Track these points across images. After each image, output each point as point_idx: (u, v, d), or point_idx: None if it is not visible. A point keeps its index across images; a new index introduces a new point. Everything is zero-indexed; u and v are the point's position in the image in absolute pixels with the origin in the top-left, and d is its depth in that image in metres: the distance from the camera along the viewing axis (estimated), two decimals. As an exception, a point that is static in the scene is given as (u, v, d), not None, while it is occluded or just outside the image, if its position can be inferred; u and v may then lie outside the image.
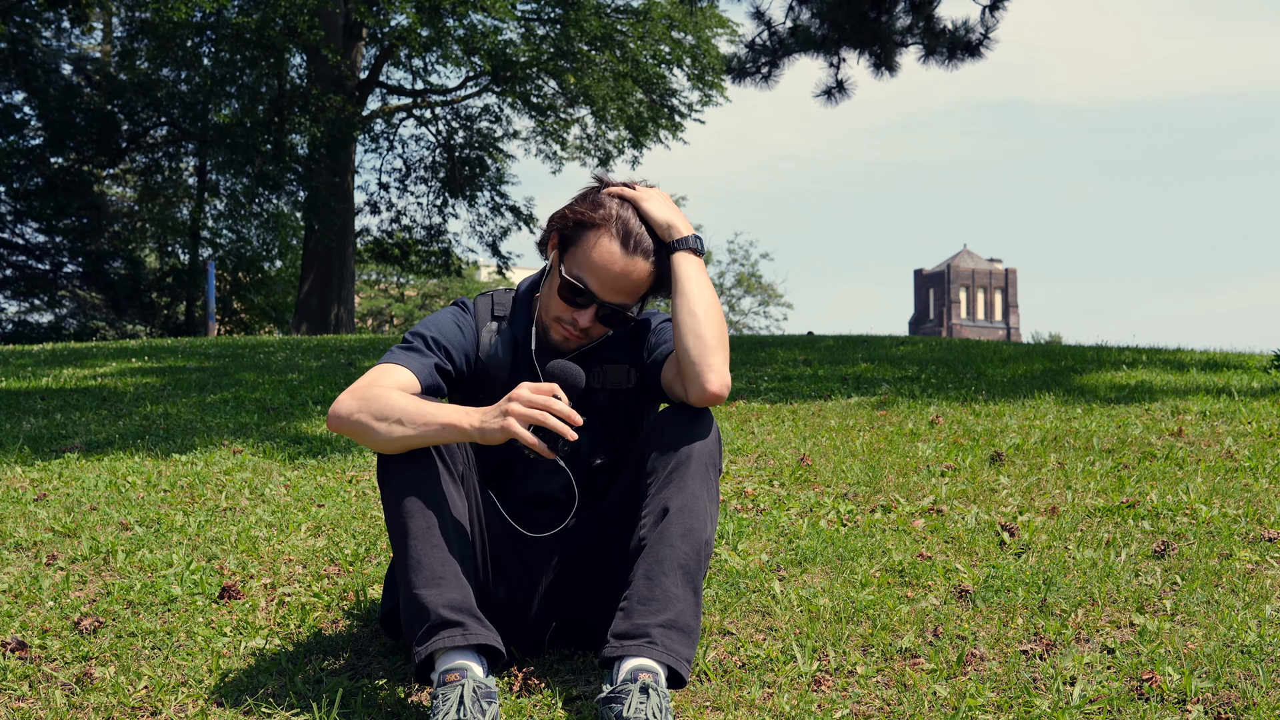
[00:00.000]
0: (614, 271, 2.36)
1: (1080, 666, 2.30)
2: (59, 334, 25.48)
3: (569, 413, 2.16)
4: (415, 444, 2.25)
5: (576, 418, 2.17)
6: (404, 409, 2.25)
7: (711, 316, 2.33)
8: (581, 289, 2.38)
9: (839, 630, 2.55)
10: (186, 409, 6.45)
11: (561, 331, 2.44)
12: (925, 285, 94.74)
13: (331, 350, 10.87)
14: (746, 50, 12.17)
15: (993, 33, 11.58)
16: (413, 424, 2.23)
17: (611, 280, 2.37)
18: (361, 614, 2.82)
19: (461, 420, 2.21)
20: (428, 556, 2.20)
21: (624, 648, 2.13)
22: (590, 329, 2.43)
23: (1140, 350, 9.47)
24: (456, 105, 24.81)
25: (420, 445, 2.25)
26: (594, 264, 2.36)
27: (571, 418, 2.16)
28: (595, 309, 2.40)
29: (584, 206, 2.40)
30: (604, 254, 2.36)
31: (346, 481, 4.36)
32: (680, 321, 2.33)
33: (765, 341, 11.80)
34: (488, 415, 2.20)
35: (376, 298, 47.30)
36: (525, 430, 2.15)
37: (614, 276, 2.36)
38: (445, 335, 2.46)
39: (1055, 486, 3.85)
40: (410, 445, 2.25)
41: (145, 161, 26.22)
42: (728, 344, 2.35)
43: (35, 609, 2.85)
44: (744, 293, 49.70)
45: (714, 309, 2.35)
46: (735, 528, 3.43)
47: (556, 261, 2.43)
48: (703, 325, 2.32)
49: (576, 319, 2.40)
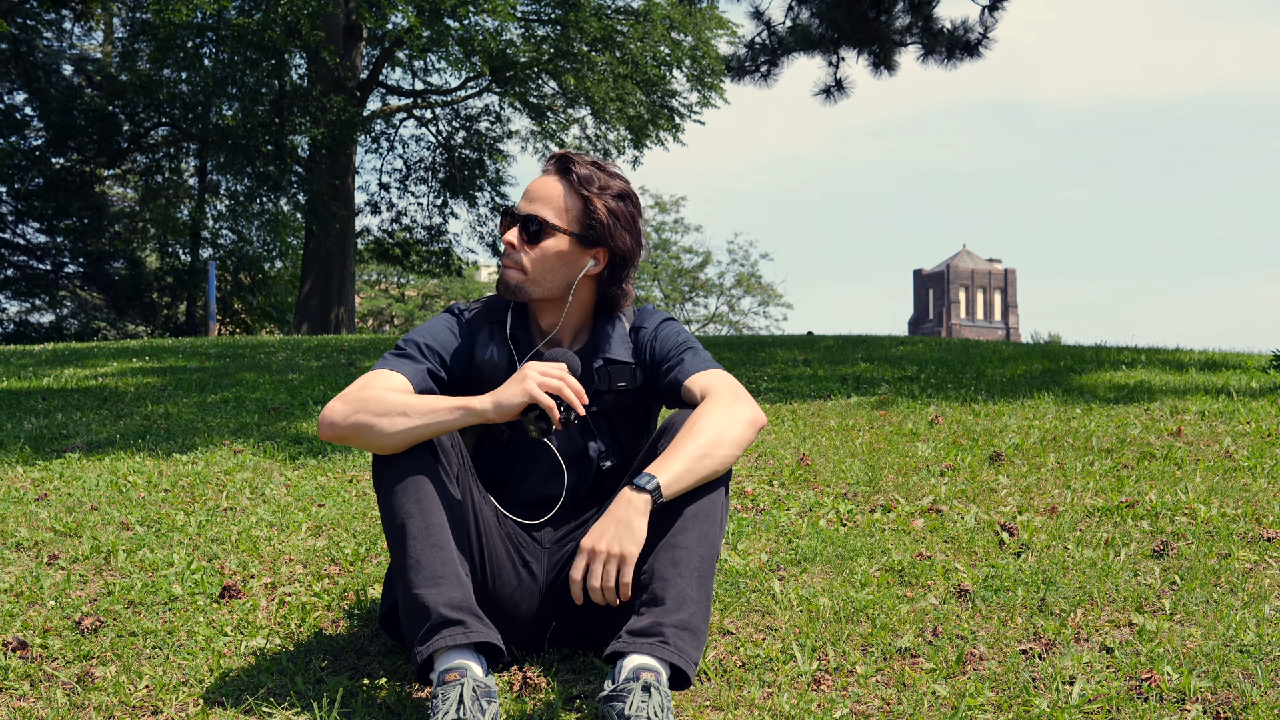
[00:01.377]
0: (529, 186, 2.51)
1: (1079, 666, 2.31)
2: (60, 334, 25.49)
3: (579, 387, 2.26)
4: (420, 435, 2.26)
5: (584, 394, 2.28)
6: (406, 402, 2.27)
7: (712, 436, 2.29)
8: (505, 208, 2.51)
9: (839, 630, 2.56)
10: (187, 409, 6.46)
11: (505, 266, 2.51)
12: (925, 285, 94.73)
13: (332, 350, 10.88)
14: (746, 49, 12.17)
15: (991, 32, 11.58)
16: (417, 414, 2.25)
17: (526, 193, 2.51)
18: (361, 614, 2.83)
19: (474, 402, 2.26)
20: (427, 556, 2.20)
21: (635, 644, 2.13)
22: (516, 250, 2.47)
23: (1139, 350, 9.48)
24: (456, 105, 24.83)
25: (426, 436, 2.26)
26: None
27: (581, 393, 2.26)
28: (516, 224, 2.48)
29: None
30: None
31: (347, 481, 4.36)
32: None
33: (765, 341, 11.80)
34: (501, 390, 2.26)
35: (377, 298, 47.29)
36: (544, 395, 2.22)
37: (528, 190, 2.50)
38: (439, 341, 2.48)
39: (1054, 486, 3.86)
40: (415, 437, 2.26)
41: (146, 162, 26.21)
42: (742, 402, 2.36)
43: (36, 608, 2.85)
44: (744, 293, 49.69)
45: (707, 439, 2.29)
46: (735, 528, 3.43)
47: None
48: (721, 439, 2.30)
49: (506, 239, 2.48)
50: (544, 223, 2.46)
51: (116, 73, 24.44)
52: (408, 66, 24.49)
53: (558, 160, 2.50)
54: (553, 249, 2.46)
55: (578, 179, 2.47)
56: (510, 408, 2.24)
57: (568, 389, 2.24)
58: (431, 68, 24.29)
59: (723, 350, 10.14)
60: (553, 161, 2.51)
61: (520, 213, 2.48)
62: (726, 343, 11.88)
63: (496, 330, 2.54)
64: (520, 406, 2.24)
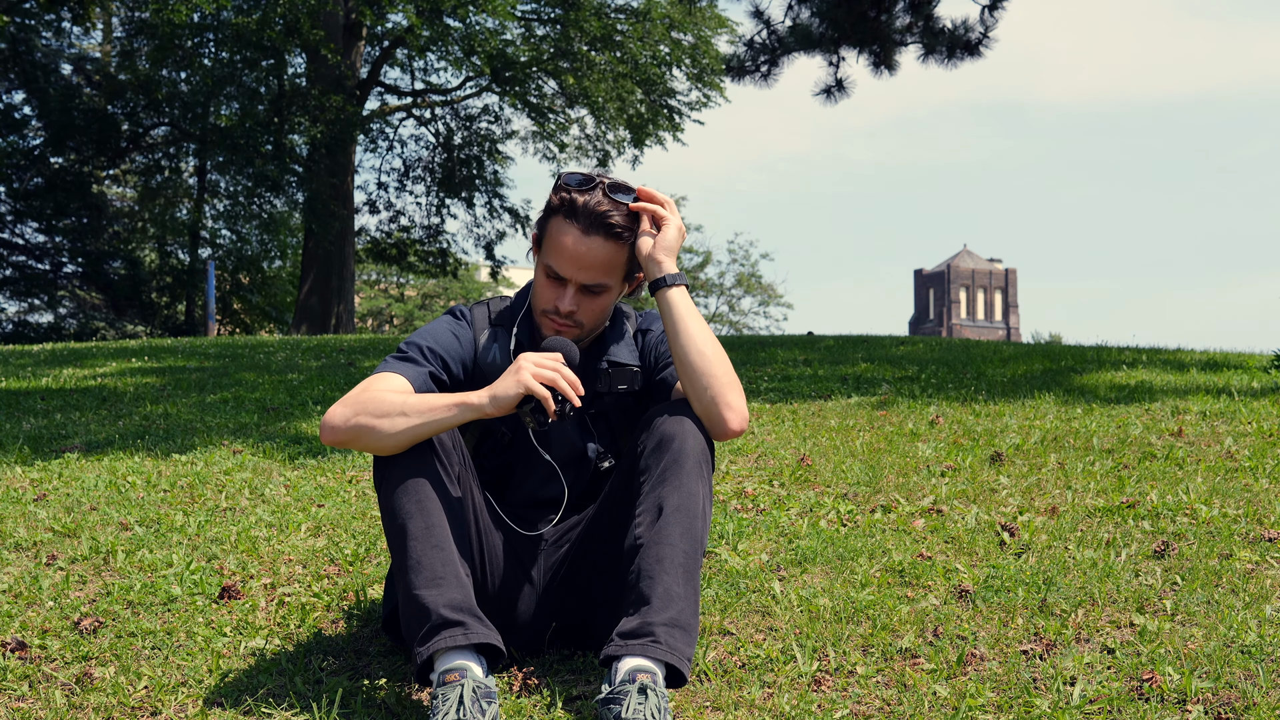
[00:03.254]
0: (574, 252, 2.39)
1: (1080, 666, 2.30)
2: (59, 334, 25.48)
3: (574, 379, 2.25)
4: (421, 434, 2.25)
5: (580, 385, 2.26)
6: (404, 402, 2.27)
7: (718, 353, 2.36)
8: (552, 274, 2.42)
9: (839, 630, 2.55)
10: (186, 409, 6.45)
11: (551, 325, 2.45)
12: (925, 285, 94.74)
13: (331, 350, 10.87)
14: (745, 49, 12.16)
15: (992, 32, 11.58)
16: (416, 413, 2.25)
17: (573, 259, 2.39)
18: (361, 614, 2.82)
19: (471, 397, 2.25)
20: (428, 557, 2.20)
21: (627, 646, 2.13)
22: (575, 313, 2.43)
23: (1140, 350, 9.47)
24: (456, 105, 24.82)
25: (426, 435, 2.26)
26: (557, 247, 2.40)
27: (576, 384, 2.25)
28: (572, 291, 2.41)
29: (547, 202, 2.47)
30: (562, 237, 2.40)
31: (346, 481, 4.36)
32: (689, 363, 2.34)
33: (765, 341, 11.80)
34: (497, 384, 2.25)
35: (376, 298, 47.29)
36: (539, 386, 2.21)
37: (575, 256, 2.39)
38: (441, 344, 2.47)
39: (1055, 486, 3.85)
40: (416, 436, 2.25)
41: (145, 162, 26.21)
42: (735, 376, 2.37)
43: (35, 609, 2.85)
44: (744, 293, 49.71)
45: (717, 345, 2.37)
46: (735, 528, 3.43)
47: (536, 256, 2.48)
48: (714, 365, 2.34)
49: (558, 305, 2.42)
50: (606, 286, 2.44)
51: (115, 72, 24.45)
52: (407, 66, 24.49)
53: (602, 223, 2.39)
54: (609, 301, 2.48)
55: (621, 231, 2.41)
56: (506, 400, 2.23)
57: (562, 380, 2.24)
58: (431, 67, 24.30)
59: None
60: (598, 225, 2.39)
61: (585, 284, 2.41)
62: (726, 343, 11.87)
63: (499, 332, 2.53)
64: (516, 399, 2.24)
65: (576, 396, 2.25)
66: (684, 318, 2.37)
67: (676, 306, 2.38)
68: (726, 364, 2.36)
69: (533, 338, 2.53)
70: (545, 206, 2.47)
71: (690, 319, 2.37)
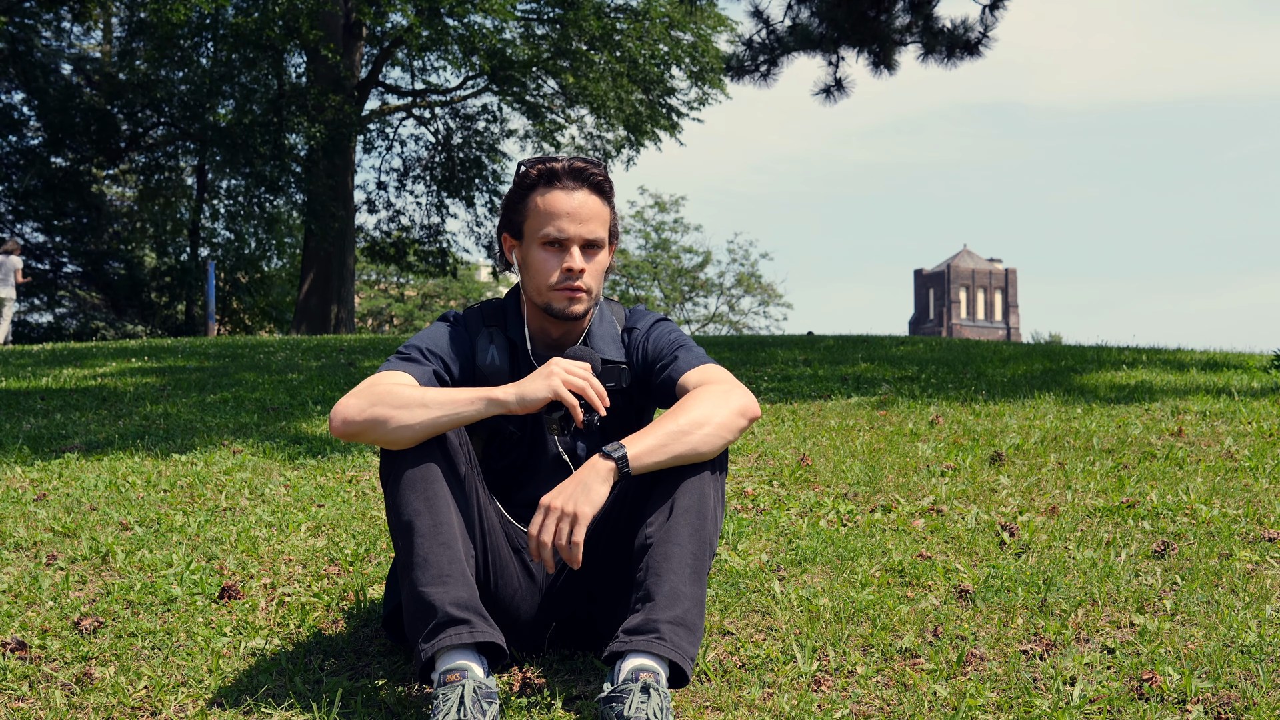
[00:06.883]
0: (568, 207, 2.41)
1: (1080, 666, 2.30)
2: (59, 334, 25.49)
3: (601, 389, 2.28)
4: (442, 426, 2.26)
5: (606, 395, 2.29)
6: (425, 394, 2.28)
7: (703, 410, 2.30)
8: (551, 241, 2.42)
9: (839, 630, 2.55)
10: (186, 409, 6.45)
11: (565, 293, 2.42)
12: (925, 285, 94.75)
13: (331, 350, 10.87)
14: (745, 48, 12.15)
15: (992, 31, 11.57)
16: (439, 405, 2.25)
17: (570, 215, 2.41)
18: (361, 614, 2.82)
19: (497, 393, 2.26)
20: (434, 554, 2.20)
21: (631, 643, 2.13)
22: (587, 268, 2.42)
23: (1140, 350, 9.48)
24: (455, 105, 24.82)
25: (447, 427, 2.26)
26: (550, 212, 2.41)
27: (603, 395, 2.28)
28: (576, 249, 2.41)
29: (512, 192, 2.48)
30: (552, 200, 2.41)
31: (346, 481, 4.36)
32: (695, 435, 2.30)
33: (765, 341, 11.80)
34: (526, 383, 2.26)
35: (376, 298, 47.28)
36: (569, 394, 2.24)
37: (571, 211, 2.41)
38: (439, 346, 2.47)
39: (1055, 486, 3.85)
40: (436, 429, 2.25)
41: (144, 161, 26.22)
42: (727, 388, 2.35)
43: (35, 609, 2.85)
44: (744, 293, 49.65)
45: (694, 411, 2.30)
46: (735, 528, 3.43)
47: (521, 247, 2.48)
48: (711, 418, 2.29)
49: (568, 266, 2.40)
50: (602, 241, 2.45)
51: (115, 72, 24.45)
52: (407, 66, 24.50)
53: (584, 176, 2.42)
54: (605, 262, 2.48)
55: (602, 182, 2.45)
56: (534, 401, 2.25)
57: (591, 390, 2.26)
58: (430, 67, 24.30)
59: (723, 350, 10.14)
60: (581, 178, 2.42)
61: (586, 239, 2.42)
62: (726, 343, 11.88)
63: (495, 334, 2.53)
64: (543, 401, 2.25)
65: (603, 407, 2.27)
66: (662, 447, 2.26)
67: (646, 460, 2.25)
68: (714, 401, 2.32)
69: (525, 338, 2.53)
70: (514, 191, 2.47)
71: (667, 447, 2.26)
